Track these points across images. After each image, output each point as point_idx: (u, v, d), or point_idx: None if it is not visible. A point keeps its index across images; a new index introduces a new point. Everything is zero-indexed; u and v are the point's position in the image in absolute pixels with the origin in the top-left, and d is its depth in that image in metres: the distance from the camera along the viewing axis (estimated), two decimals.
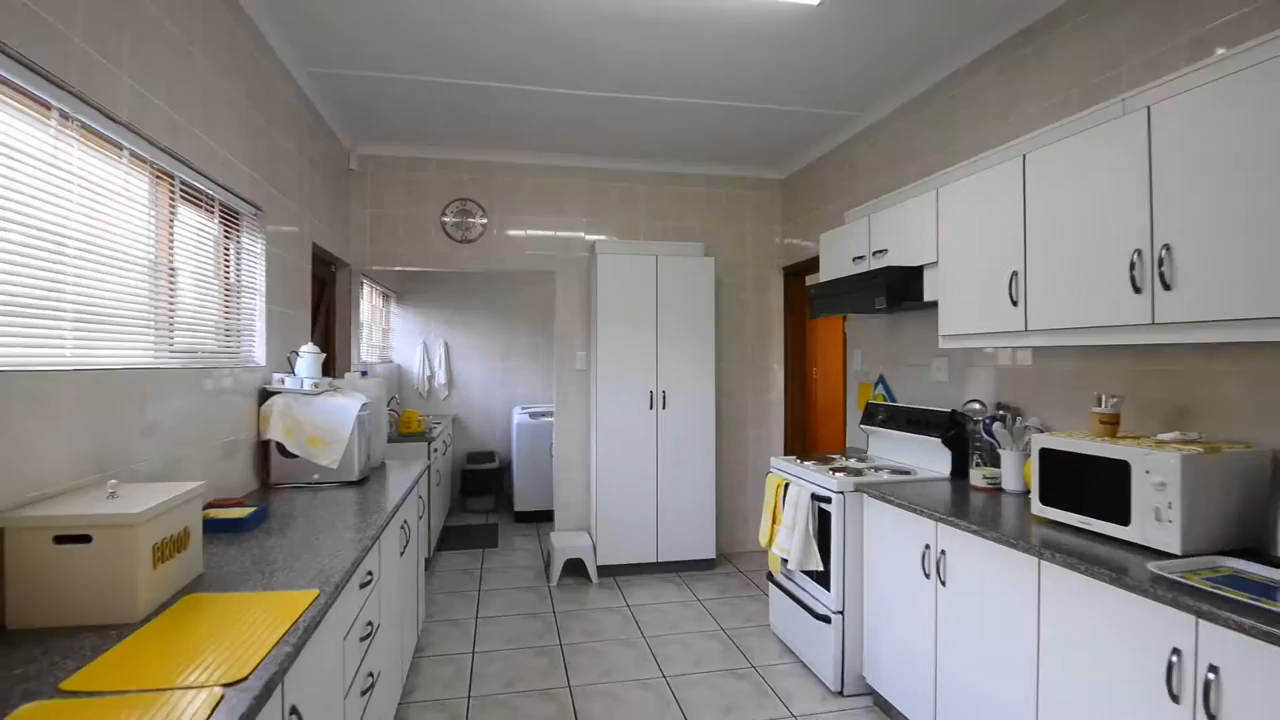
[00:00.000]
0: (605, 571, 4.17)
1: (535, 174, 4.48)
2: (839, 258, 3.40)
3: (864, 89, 3.42)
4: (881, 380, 3.59)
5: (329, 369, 4.01)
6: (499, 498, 6.08)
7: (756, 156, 4.53)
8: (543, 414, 5.73)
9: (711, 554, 4.28)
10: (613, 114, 3.75)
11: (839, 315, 3.75)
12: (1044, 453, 2.11)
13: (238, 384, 2.54)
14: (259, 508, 2.12)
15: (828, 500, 2.76)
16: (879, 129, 3.68)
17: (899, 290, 2.78)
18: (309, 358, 2.70)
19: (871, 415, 3.40)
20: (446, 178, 4.37)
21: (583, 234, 4.55)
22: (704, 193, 4.72)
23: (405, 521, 2.62)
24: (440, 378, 6.26)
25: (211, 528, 1.97)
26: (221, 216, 2.55)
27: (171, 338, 2.18)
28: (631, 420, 4.18)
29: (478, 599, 3.79)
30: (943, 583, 2.26)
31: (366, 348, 5.40)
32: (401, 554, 2.54)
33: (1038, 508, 2.12)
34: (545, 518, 5.58)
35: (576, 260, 4.54)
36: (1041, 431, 2.54)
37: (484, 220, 4.40)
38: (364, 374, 3.22)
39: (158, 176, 2.14)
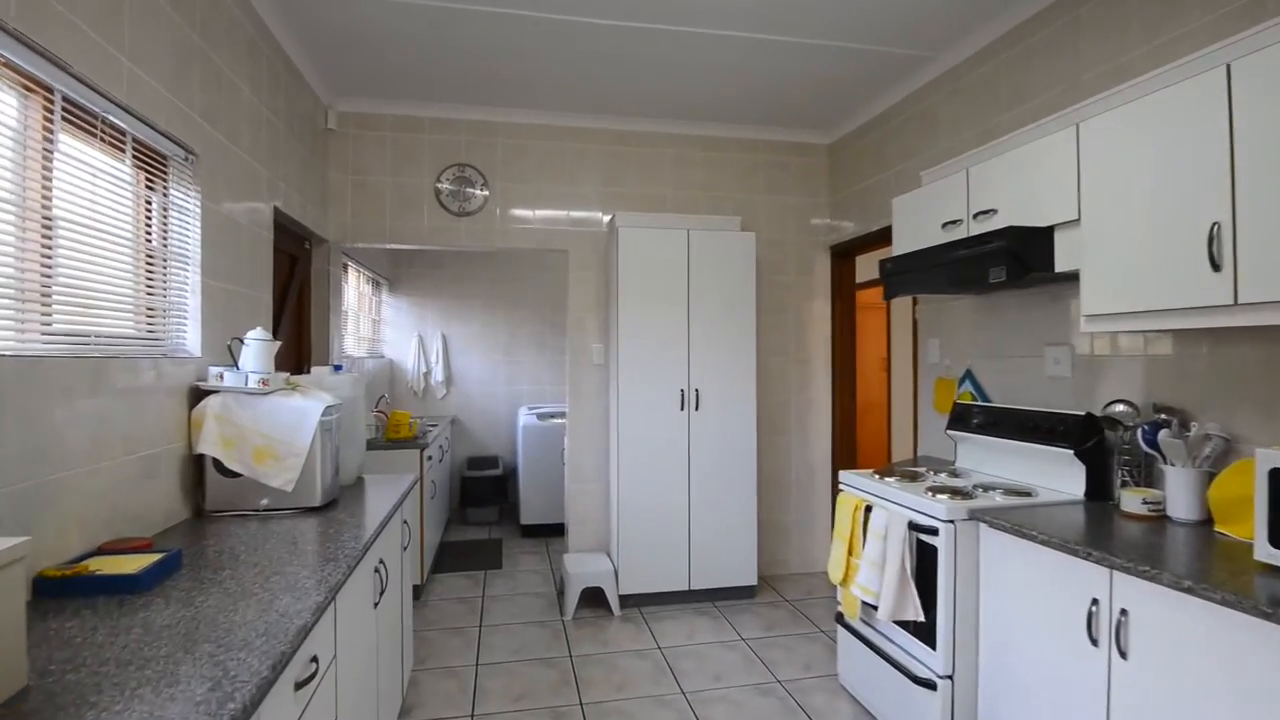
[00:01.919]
0: (628, 601, 3.55)
1: (544, 136, 3.85)
2: (922, 225, 2.76)
3: (946, 20, 2.79)
4: (969, 376, 2.95)
5: (302, 363, 3.38)
6: (503, 508, 5.46)
7: (800, 115, 3.89)
8: (551, 415, 5.11)
9: (752, 580, 3.65)
10: (634, 51, 3.11)
11: (921, 295, 3.11)
12: (1279, 476, 1.48)
13: (161, 379, 1.91)
14: (168, 554, 1.50)
15: (932, 532, 2.12)
16: (964, 71, 3.04)
17: (1025, 259, 2.14)
18: (256, 346, 2.08)
19: (963, 418, 2.76)
20: (441, 140, 3.74)
21: (599, 207, 3.91)
22: (739, 159, 4.08)
23: (381, 562, 1.99)
24: (437, 374, 5.64)
25: (88, 589, 1.36)
26: (138, 159, 1.93)
27: (49, 314, 1.56)
28: (658, 423, 3.55)
29: (478, 638, 3.17)
30: (1122, 654, 1.62)
31: (354, 340, 4.78)
32: (376, 605, 1.92)
33: (1267, 553, 1.50)
34: (555, 531, 4.96)
35: (593, 236, 3.91)
36: (1227, 441, 1.91)
37: (485, 191, 3.77)
38: (337, 368, 2.59)
39: (27, 88, 1.52)
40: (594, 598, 3.56)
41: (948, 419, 2.86)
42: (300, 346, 3.40)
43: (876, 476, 2.55)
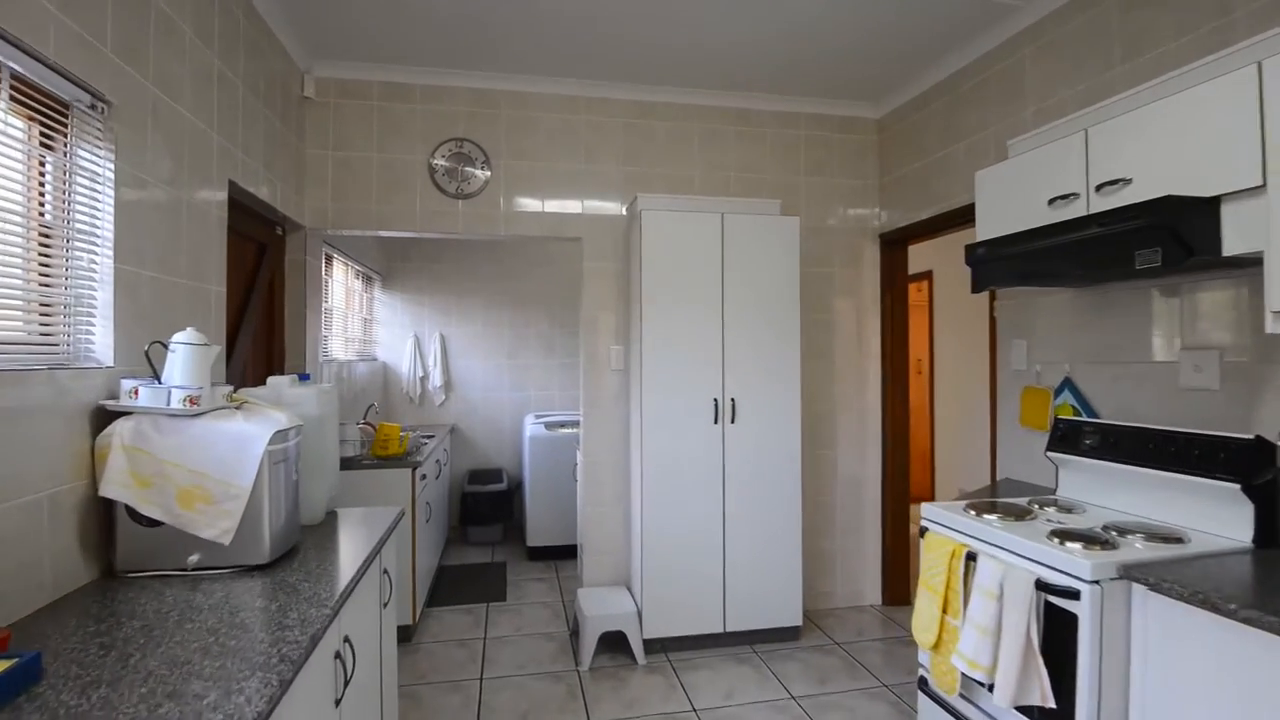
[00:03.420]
0: (654, 646, 3.05)
1: (554, 107, 3.36)
2: (1019, 202, 2.26)
3: None
4: (1068, 385, 2.45)
5: (273, 369, 2.90)
6: (507, 526, 4.97)
7: (846, 84, 3.39)
8: (561, 424, 4.62)
9: (797, 620, 3.15)
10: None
11: (1019, 287, 2.58)
12: None
13: (57, 397, 1.43)
14: (17, 662, 1.01)
15: (1070, 595, 1.62)
16: (1060, 20, 2.54)
17: (1187, 239, 1.64)
18: (186, 353, 1.59)
19: (1070, 439, 2.26)
20: (436, 110, 3.25)
21: (618, 189, 3.42)
22: (777, 136, 3.58)
23: (346, 641, 1.50)
24: (435, 379, 5.15)
25: None
26: (23, 103, 1.45)
27: None
28: (688, 438, 3.05)
29: (479, 697, 2.67)
30: None
31: (342, 342, 4.31)
32: (338, 702, 1.43)
33: None
34: (565, 554, 4.47)
35: (611, 222, 3.42)
36: None
37: (486, 171, 3.28)
38: (303, 378, 2.11)
39: None
40: (614, 641, 3.07)
41: (1048, 438, 2.36)
42: (271, 350, 2.92)
43: (972, 512, 2.05)
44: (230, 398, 1.71)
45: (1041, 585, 1.69)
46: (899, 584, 3.61)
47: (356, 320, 4.64)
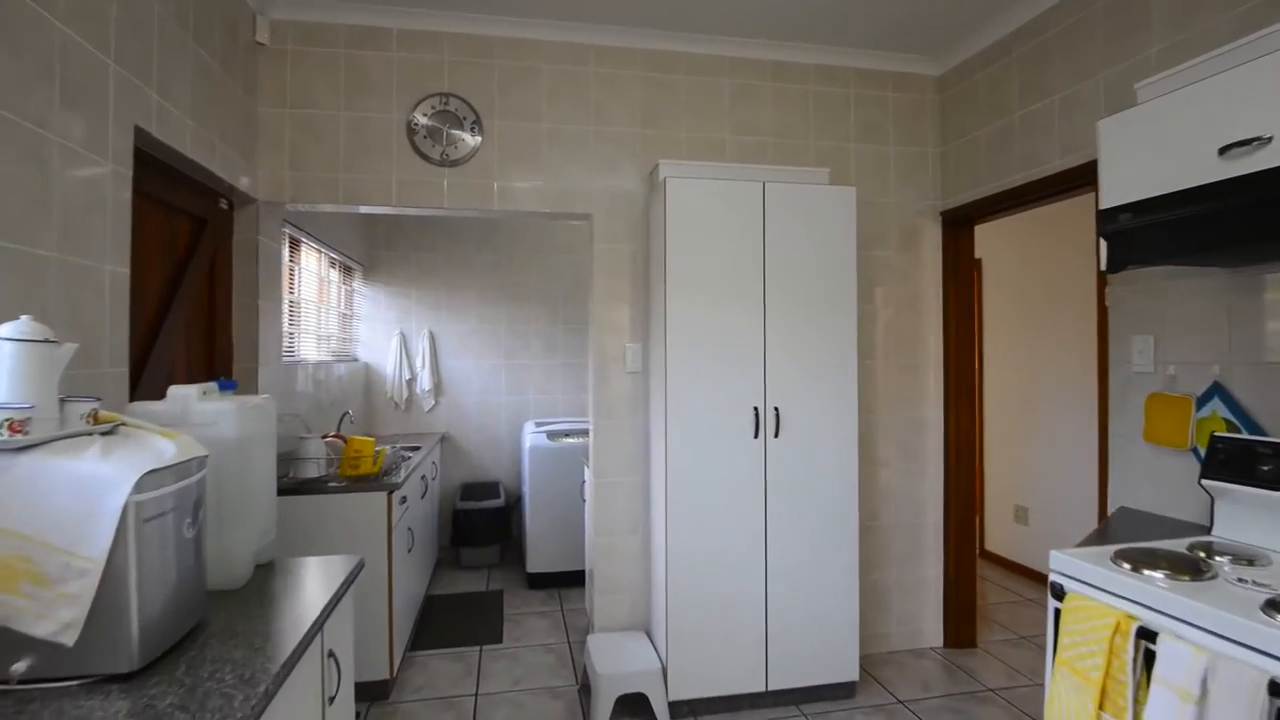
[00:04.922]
0: (682, 709, 2.53)
1: (559, 56, 2.82)
2: (1168, 156, 1.73)
3: None
4: (1218, 392, 1.92)
5: (216, 373, 2.38)
6: (505, 547, 4.43)
7: (901, 33, 2.87)
8: (565, 433, 4.09)
9: (853, 674, 2.62)
10: None
11: (1173, 264, 2.01)
12: None
13: None
14: None
15: None
16: None
17: None
18: (12, 353, 1.05)
19: (1235, 463, 1.73)
20: (416, 60, 2.72)
21: (636, 155, 2.88)
22: (822, 95, 3.05)
23: None
24: (424, 381, 4.62)
25: None
26: None
27: None
28: (722, 455, 2.53)
29: None
30: None
31: (315, 340, 3.78)
32: None
33: None
34: (570, 581, 3.94)
35: (626, 196, 2.88)
36: None
37: (477, 136, 2.75)
38: (225, 386, 1.57)
39: None
40: (633, 702, 2.54)
41: (1204, 461, 1.83)
42: (213, 351, 2.38)
43: (1126, 565, 1.52)
44: (95, 418, 1.18)
45: (1277, 689, 1.16)
46: (964, 623, 3.08)
47: (333, 316, 4.11)
